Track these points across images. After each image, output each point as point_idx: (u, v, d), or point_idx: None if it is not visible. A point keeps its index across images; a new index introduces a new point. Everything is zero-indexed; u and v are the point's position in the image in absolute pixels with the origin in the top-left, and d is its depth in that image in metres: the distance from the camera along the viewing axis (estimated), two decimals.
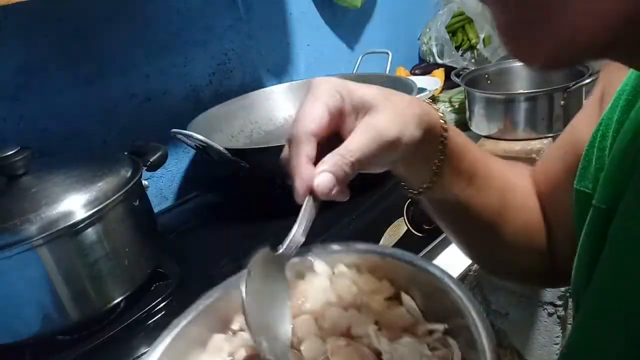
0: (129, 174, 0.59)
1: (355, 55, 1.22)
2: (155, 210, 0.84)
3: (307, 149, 0.35)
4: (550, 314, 1.18)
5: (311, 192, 0.36)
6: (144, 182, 0.64)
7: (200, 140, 0.71)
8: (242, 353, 0.33)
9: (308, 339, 0.33)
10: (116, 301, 0.57)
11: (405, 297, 0.35)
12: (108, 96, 0.88)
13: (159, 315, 0.59)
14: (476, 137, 1.14)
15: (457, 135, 0.41)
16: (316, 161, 0.35)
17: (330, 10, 1.25)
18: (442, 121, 0.40)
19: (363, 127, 0.35)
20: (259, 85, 1.11)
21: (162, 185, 0.98)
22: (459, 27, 1.46)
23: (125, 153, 0.66)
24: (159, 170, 0.68)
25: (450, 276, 0.32)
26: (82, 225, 0.53)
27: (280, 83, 1.09)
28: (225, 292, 0.36)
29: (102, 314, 0.58)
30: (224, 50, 1.04)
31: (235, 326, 0.35)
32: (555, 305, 1.17)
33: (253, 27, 1.08)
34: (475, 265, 0.79)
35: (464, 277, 0.78)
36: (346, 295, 0.36)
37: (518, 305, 1.23)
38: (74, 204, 0.53)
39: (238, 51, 1.06)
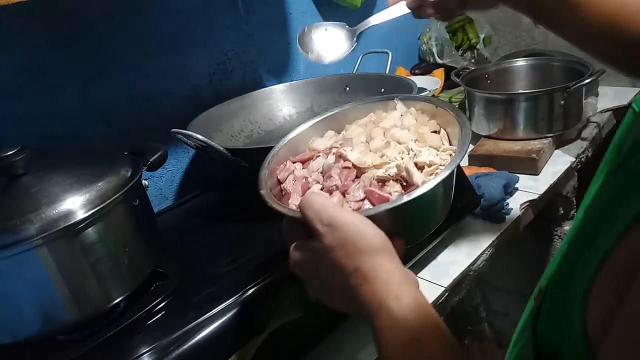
0: (129, 174, 0.59)
1: (355, 55, 1.22)
2: (155, 210, 0.84)
3: None
4: None
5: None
6: (144, 182, 0.64)
7: (200, 140, 0.71)
8: (336, 144, 0.58)
9: (378, 136, 0.57)
10: (116, 301, 0.57)
11: (443, 131, 0.57)
12: (108, 96, 0.88)
13: (159, 315, 0.59)
14: (476, 137, 1.14)
15: None
16: None
17: (330, 10, 1.25)
18: None
19: None
20: (259, 85, 1.11)
21: (162, 185, 0.98)
22: (459, 27, 1.46)
23: (125, 153, 0.66)
24: (159, 170, 0.68)
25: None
26: (82, 225, 0.53)
27: (280, 83, 1.09)
28: (350, 109, 0.63)
29: (102, 314, 0.58)
30: (224, 50, 1.04)
31: (343, 131, 0.61)
32: None
33: (253, 27, 1.08)
34: (475, 265, 0.80)
35: (464, 277, 0.78)
36: (408, 123, 0.58)
37: (518, 305, 1.23)
38: (74, 204, 0.53)
39: (238, 51, 1.07)
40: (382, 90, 0.95)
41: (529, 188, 0.96)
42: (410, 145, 0.54)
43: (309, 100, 1.04)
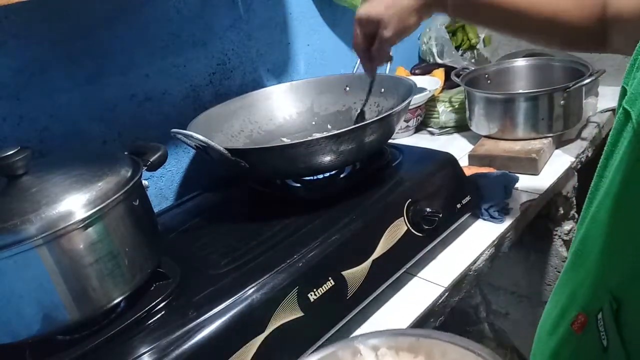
0: (129, 174, 0.59)
1: (355, 55, 1.22)
2: (155, 210, 0.84)
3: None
4: None
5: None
6: (144, 182, 0.64)
7: (200, 140, 0.71)
8: None
9: None
10: (116, 301, 0.57)
11: None
12: (108, 96, 0.88)
13: (159, 315, 0.59)
14: (476, 137, 1.14)
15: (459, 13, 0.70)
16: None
17: (330, 10, 1.25)
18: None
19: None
20: (259, 85, 1.11)
21: (162, 185, 0.98)
22: (459, 27, 1.46)
23: (125, 153, 0.66)
24: (159, 170, 0.68)
25: (474, 343, 0.44)
26: (82, 225, 0.53)
27: (280, 83, 1.09)
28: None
29: (102, 314, 0.58)
30: (224, 50, 1.04)
31: None
32: None
33: (253, 27, 1.08)
34: (475, 265, 0.80)
35: (464, 277, 0.78)
36: None
37: (518, 305, 1.23)
38: (74, 204, 0.53)
39: (238, 51, 1.07)
40: (382, 90, 0.94)
41: (529, 188, 0.96)
42: None
43: (309, 100, 1.04)
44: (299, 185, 0.86)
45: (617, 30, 0.55)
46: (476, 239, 0.84)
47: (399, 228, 0.73)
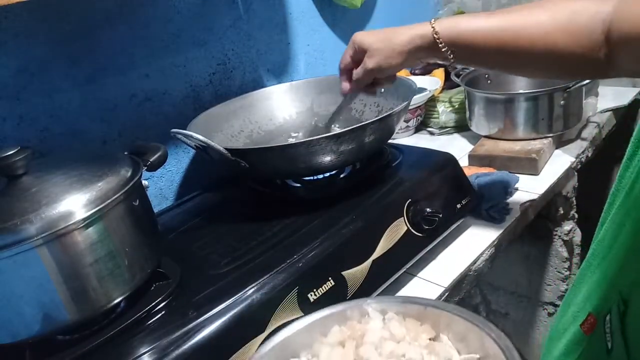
0: (129, 174, 0.59)
1: None
2: (155, 210, 0.84)
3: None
4: (550, 314, 1.19)
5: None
6: (144, 182, 0.64)
7: (200, 140, 0.71)
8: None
9: (373, 357, 0.46)
10: (116, 301, 0.57)
11: (444, 337, 0.47)
12: (108, 96, 0.88)
13: (159, 315, 0.59)
14: (476, 137, 1.14)
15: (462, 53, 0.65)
16: None
17: (330, 10, 1.25)
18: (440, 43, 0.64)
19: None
20: (259, 85, 1.11)
21: (162, 185, 0.98)
22: None
23: (125, 153, 0.66)
24: (159, 170, 0.68)
25: (480, 318, 0.45)
26: (82, 225, 0.53)
27: (280, 83, 1.09)
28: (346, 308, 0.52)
29: (102, 314, 0.58)
30: (224, 50, 1.04)
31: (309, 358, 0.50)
32: (555, 305, 1.17)
33: (253, 27, 1.08)
34: (475, 265, 0.80)
35: (464, 277, 0.78)
36: (397, 332, 0.48)
37: (518, 305, 1.23)
38: (74, 204, 0.53)
39: (238, 51, 1.07)
40: (382, 90, 0.94)
41: (529, 188, 0.96)
42: (428, 358, 0.45)
43: (309, 100, 1.05)
44: (299, 185, 0.86)
45: (625, 52, 0.53)
46: (476, 239, 0.84)
47: (399, 228, 0.73)
